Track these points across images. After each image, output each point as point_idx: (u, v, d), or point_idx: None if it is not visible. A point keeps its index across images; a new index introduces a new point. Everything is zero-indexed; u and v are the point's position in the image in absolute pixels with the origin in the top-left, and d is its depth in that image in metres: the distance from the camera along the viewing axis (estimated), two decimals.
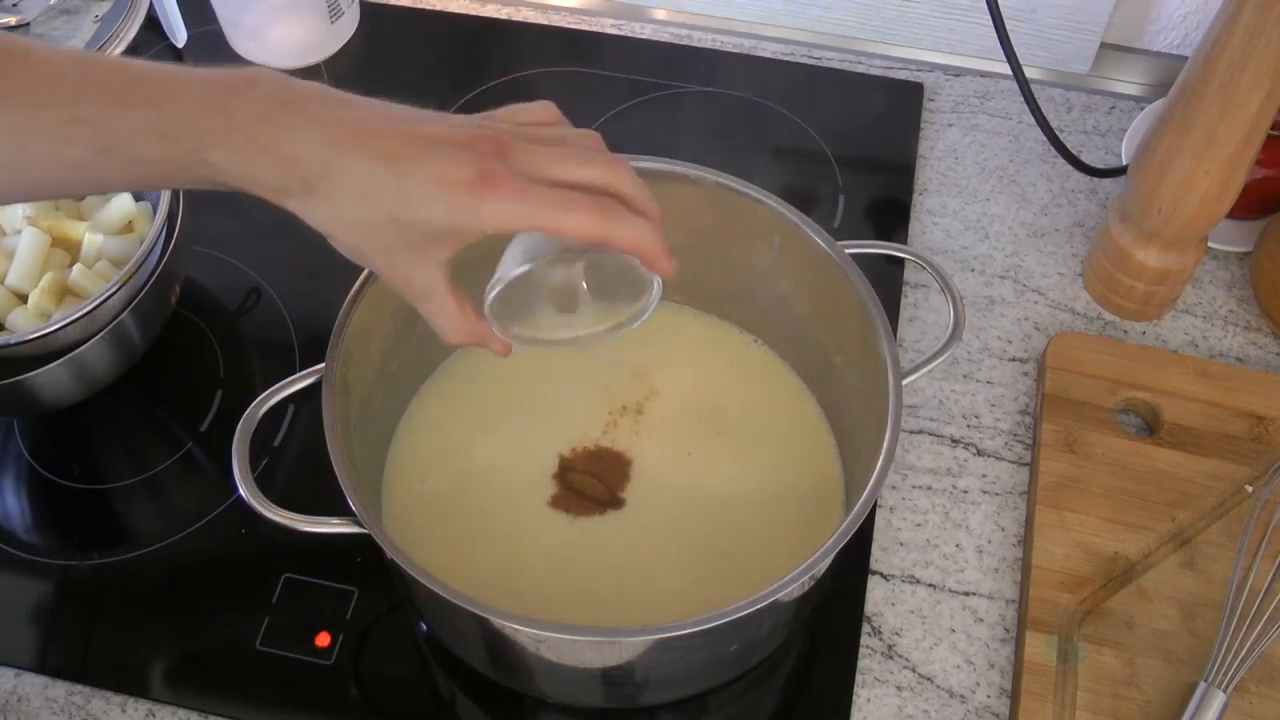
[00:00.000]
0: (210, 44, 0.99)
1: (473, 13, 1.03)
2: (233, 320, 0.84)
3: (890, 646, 0.69)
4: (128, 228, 0.79)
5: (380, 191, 0.50)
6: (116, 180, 0.53)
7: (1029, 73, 0.85)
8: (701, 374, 0.75)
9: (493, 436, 0.73)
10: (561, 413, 0.73)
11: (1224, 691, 0.63)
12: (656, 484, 0.70)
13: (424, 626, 0.70)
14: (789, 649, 0.69)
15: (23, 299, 0.74)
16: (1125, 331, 0.82)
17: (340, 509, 0.58)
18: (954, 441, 0.77)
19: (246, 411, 0.61)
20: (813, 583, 0.60)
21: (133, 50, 0.96)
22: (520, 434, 0.73)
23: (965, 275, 0.85)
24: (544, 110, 0.55)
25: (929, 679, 0.68)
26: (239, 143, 0.49)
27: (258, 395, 0.62)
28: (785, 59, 0.99)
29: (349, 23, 1.00)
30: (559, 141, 0.53)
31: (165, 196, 0.75)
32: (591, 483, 0.70)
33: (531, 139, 0.52)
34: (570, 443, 0.72)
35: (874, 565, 0.72)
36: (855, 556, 0.72)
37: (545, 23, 1.02)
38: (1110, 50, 0.98)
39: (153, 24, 0.98)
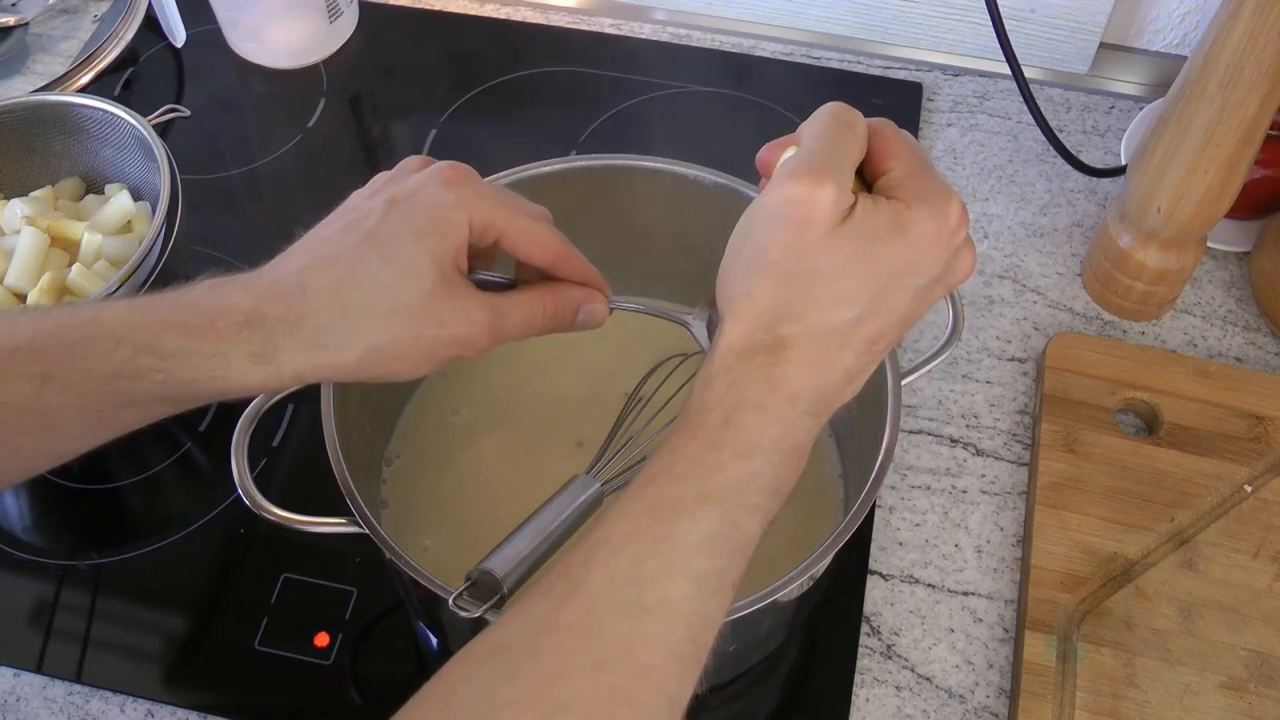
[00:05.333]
0: (209, 44, 0.99)
1: (472, 13, 1.03)
2: None
3: (889, 646, 0.69)
4: (126, 228, 0.78)
5: (360, 258, 0.49)
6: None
7: (1028, 72, 0.85)
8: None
9: (494, 436, 0.73)
10: (562, 426, 0.73)
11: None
12: None
13: (423, 626, 0.70)
14: (788, 649, 0.69)
15: (22, 299, 0.74)
16: (1124, 331, 0.82)
17: (339, 509, 0.58)
18: (953, 441, 0.77)
19: (246, 411, 0.60)
20: (811, 583, 0.60)
21: (131, 50, 0.96)
22: (522, 435, 0.73)
23: None
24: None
25: (928, 679, 0.68)
26: (185, 320, 0.49)
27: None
28: (785, 59, 0.99)
29: (348, 22, 1.00)
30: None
31: (164, 196, 0.74)
32: None
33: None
34: (572, 451, 0.71)
35: (873, 565, 0.72)
36: (854, 556, 0.72)
37: (544, 23, 1.02)
38: (1109, 50, 0.98)
39: (151, 24, 0.98)
